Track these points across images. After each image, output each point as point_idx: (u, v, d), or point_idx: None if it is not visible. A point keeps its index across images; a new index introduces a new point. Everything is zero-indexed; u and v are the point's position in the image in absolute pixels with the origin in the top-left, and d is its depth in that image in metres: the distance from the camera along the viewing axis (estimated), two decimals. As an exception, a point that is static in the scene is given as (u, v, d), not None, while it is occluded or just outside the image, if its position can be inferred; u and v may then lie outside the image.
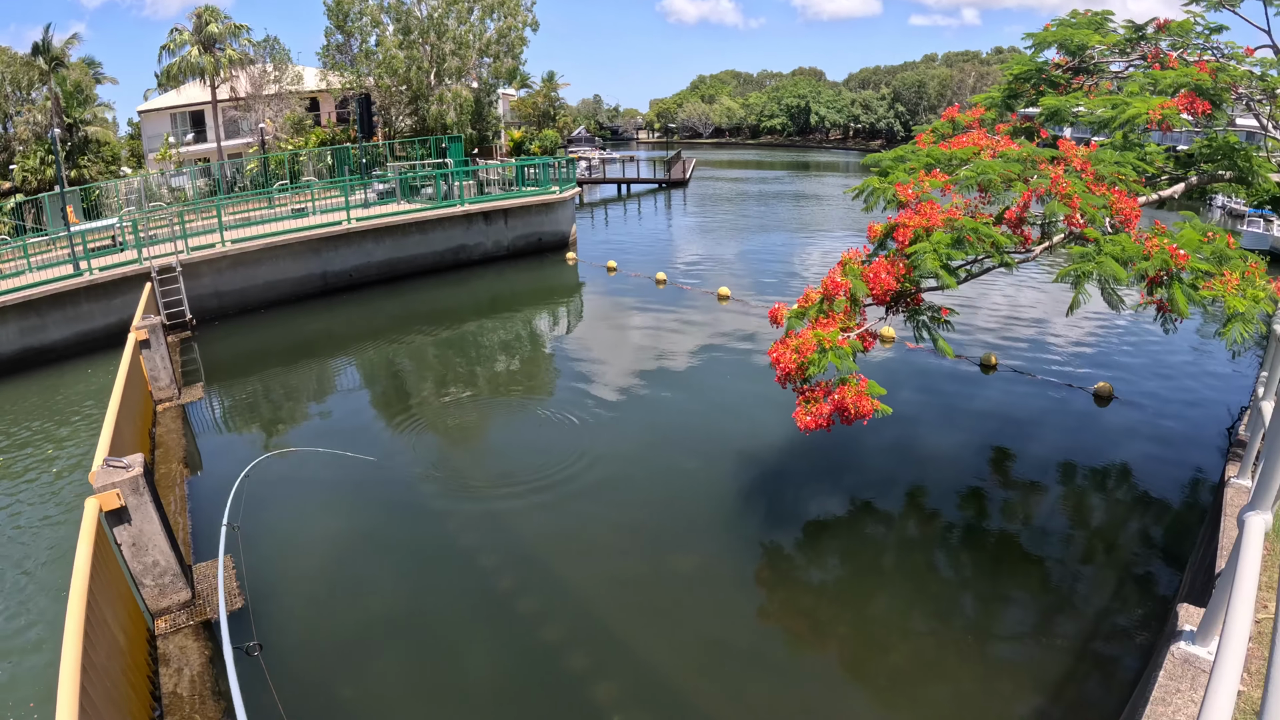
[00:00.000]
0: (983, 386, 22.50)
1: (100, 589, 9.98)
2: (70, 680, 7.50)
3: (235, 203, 42.03)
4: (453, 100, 60.32)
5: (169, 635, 12.19)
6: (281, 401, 24.33)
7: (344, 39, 62.49)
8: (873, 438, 18.24)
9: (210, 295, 32.72)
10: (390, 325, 32.41)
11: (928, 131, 16.16)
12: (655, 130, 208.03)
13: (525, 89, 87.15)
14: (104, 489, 11.64)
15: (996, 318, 29.33)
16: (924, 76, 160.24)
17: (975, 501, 16.36)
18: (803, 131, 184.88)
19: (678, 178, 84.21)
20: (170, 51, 59.25)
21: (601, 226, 60.40)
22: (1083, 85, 15.97)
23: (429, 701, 11.32)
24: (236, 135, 66.36)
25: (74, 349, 28.56)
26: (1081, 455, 18.07)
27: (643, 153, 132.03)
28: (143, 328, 21.31)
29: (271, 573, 14.34)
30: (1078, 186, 11.46)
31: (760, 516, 15.86)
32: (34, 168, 59.73)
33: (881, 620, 12.83)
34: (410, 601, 13.44)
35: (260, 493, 17.67)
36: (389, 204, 42.22)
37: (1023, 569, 13.96)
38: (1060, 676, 11.09)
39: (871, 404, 11.35)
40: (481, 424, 21.64)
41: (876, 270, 11.75)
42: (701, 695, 11.17)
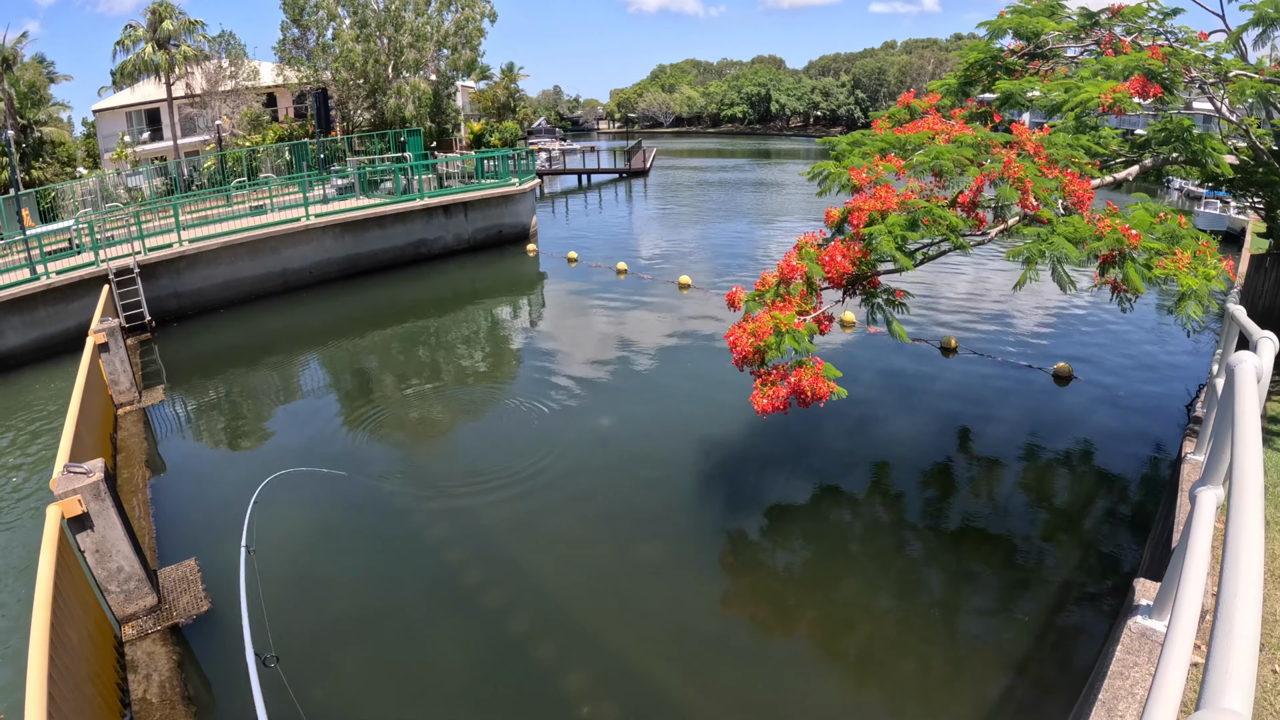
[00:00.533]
0: (943, 369, 22.73)
1: (65, 597, 9.90)
2: (37, 691, 7.46)
3: (193, 201, 41.56)
4: (411, 93, 59.95)
5: (136, 641, 12.11)
6: (244, 401, 24.12)
7: (300, 33, 61.92)
8: (835, 420, 18.41)
9: (169, 296, 32.36)
10: (352, 322, 32.26)
11: (884, 117, 16.29)
12: (616, 120, 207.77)
13: (485, 81, 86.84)
14: (65, 495, 11.52)
15: (957, 301, 29.67)
16: (884, 63, 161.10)
17: (938, 482, 16.58)
18: (763, 119, 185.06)
19: (638, 167, 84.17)
20: (125, 48, 58.55)
21: (562, 217, 60.23)
22: (1039, 70, 16.14)
23: (398, 698, 11.32)
24: (193, 133, 65.66)
25: (33, 355, 28.13)
26: (1042, 435, 18.32)
27: (603, 143, 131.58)
28: (101, 331, 21.07)
29: (237, 574, 14.24)
30: (1030, 170, 11.60)
31: (724, 502, 15.97)
32: (-13, 171, 58.84)
33: (848, 602, 12.97)
34: (377, 599, 13.44)
35: (224, 496, 17.63)
36: (348, 199, 41.91)
37: (987, 547, 14.17)
38: (1027, 652, 11.28)
39: (828, 386, 11.46)
40: (444, 418, 21.59)
41: (832, 254, 11.83)
42: (669, 682, 11.25)
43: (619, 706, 10.79)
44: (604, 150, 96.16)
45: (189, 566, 13.98)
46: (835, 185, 13.19)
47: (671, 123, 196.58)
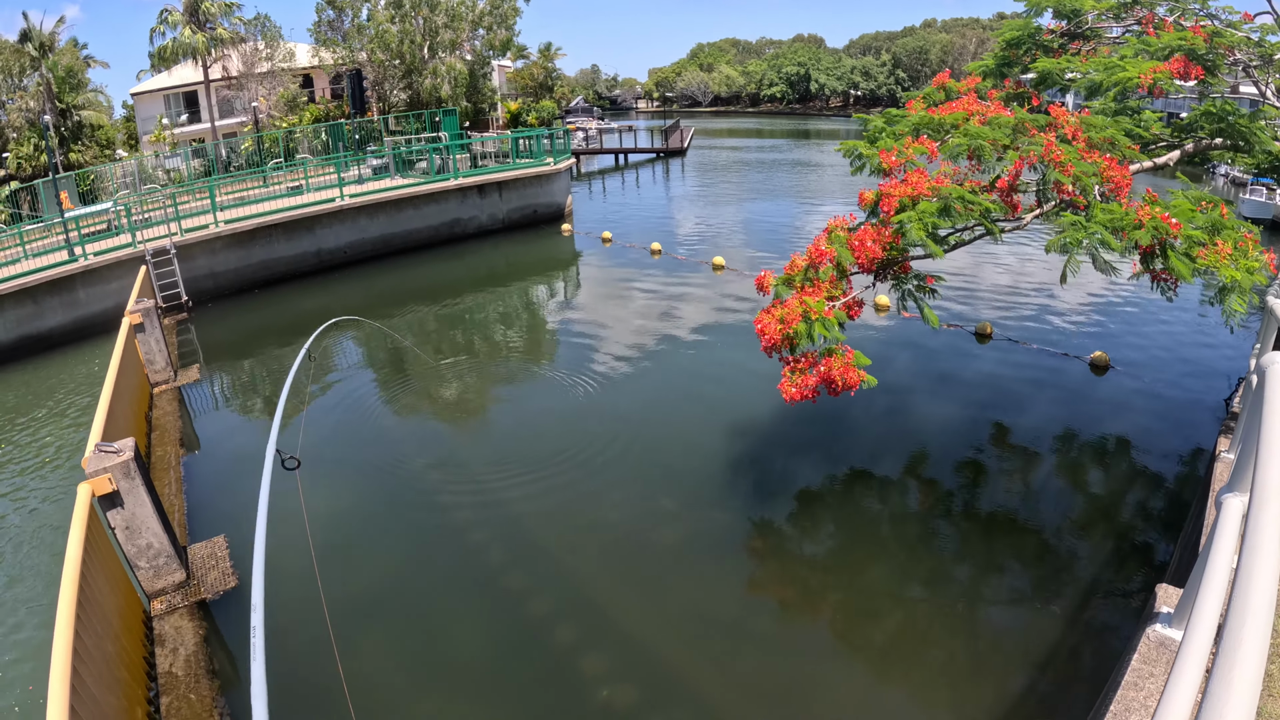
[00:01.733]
0: (978, 355, 22.44)
1: (93, 572, 10.08)
2: (61, 661, 7.63)
3: (230, 182, 41.87)
4: (446, 73, 60.00)
5: (164, 616, 12.32)
6: (277, 380, 24.26)
7: (335, 14, 62.14)
8: (867, 405, 18.23)
9: (205, 276, 32.68)
10: (386, 301, 32.35)
11: (918, 98, 15.98)
12: (654, 100, 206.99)
13: (521, 60, 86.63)
14: (95, 474, 11.70)
15: (996, 286, 29.22)
16: (925, 42, 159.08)
17: (969, 470, 16.36)
18: (803, 99, 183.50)
19: (675, 147, 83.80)
20: (161, 33, 58.93)
21: (599, 197, 60.12)
22: (1079, 50, 15.79)
23: (419, 676, 11.38)
24: (230, 114, 66.05)
25: (71, 335, 28.54)
26: (1076, 425, 18.03)
27: (641, 122, 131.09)
28: (136, 311, 21.28)
29: (265, 550, 14.36)
30: (1071, 154, 11.33)
31: (752, 487, 15.88)
32: (28, 154, 59.52)
33: (873, 590, 12.85)
34: (401, 579, 13.51)
35: (256, 474, 17.72)
36: (383, 179, 42.01)
37: (1017, 539, 13.97)
38: (1053, 648, 11.12)
39: (858, 375, 11.27)
40: (473, 399, 21.68)
41: (862, 238, 11.61)
42: (689, 667, 11.23)
43: (638, 690, 10.79)
44: (641, 130, 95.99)
45: (218, 543, 14.13)
46: (868, 168, 13.01)
47: (710, 102, 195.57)
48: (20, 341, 27.55)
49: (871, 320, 24.90)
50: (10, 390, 24.96)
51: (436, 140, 46.25)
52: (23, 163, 59.38)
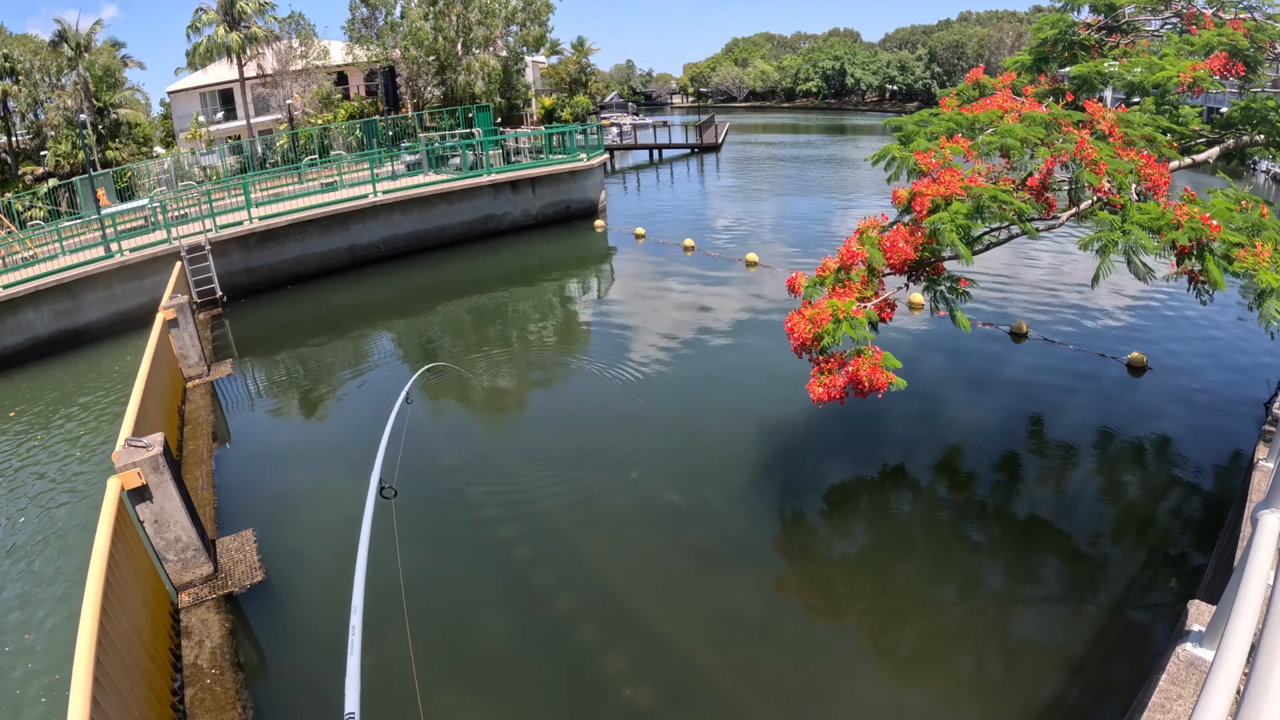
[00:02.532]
0: (1013, 355, 22.11)
1: (121, 564, 10.19)
2: (86, 651, 7.72)
3: (265, 179, 42.18)
4: (480, 70, 60.09)
5: (191, 608, 12.44)
6: (310, 375, 24.50)
7: (369, 12, 62.39)
8: (899, 405, 18.01)
9: (240, 272, 33.00)
10: (420, 296, 32.51)
11: (951, 95, 15.73)
12: (689, 95, 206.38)
13: (555, 56, 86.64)
14: (125, 468, 11.83)
15: (1031, 285, 28.71)
16: (961, 36, 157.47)
17: (1002, 473, 16.13)
18: (838, 94, 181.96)
19: (710, 142, 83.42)
20: (196, 31, 59.42)
21: (633, 193, 60.00)
22: (1117, 44, 15.52)
23: (443, 670, 11.40)
24: (266, 112, 66.52)
25: (107, 329, 28.91)
26: (1112, 428, 17.63)
27: (676, 118, 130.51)
28: (170, 307, 21.48)
29: (292, 545, 14.51)
30: (1105, 151, 11.08)
31: (781, 485, 15.77)
32: (66, 152, 60.21)
33: (901, 593, 12.70)
34: (428, 573, 13.51)
35: (286, 469, 17.93)
36: (417, 176, 42.18)
37: (1048, 544, 13.72)
38: (1082, 659, 10.91)
39: (886, 377, 11.11)
40: (504, 396, 21.76)
41: (894, 239, 11.45)
42: (712, 668, 11.18)
43: (660, 690, 10.76)
44: (676, 125, 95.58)
45: (246, 537, 14.22)
46: (902, 171, 12.79)
47: (745, 97, 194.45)
48: (58, 335, 28.00)
49: (906, 319, 24.61)
50: (47, 383, 25.32)
51: (470, 136, 46.34)
52: (61, 160, 60.11)
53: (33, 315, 27.61)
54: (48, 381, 25.57)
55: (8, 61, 61.42)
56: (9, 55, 62.01)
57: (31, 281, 27.46)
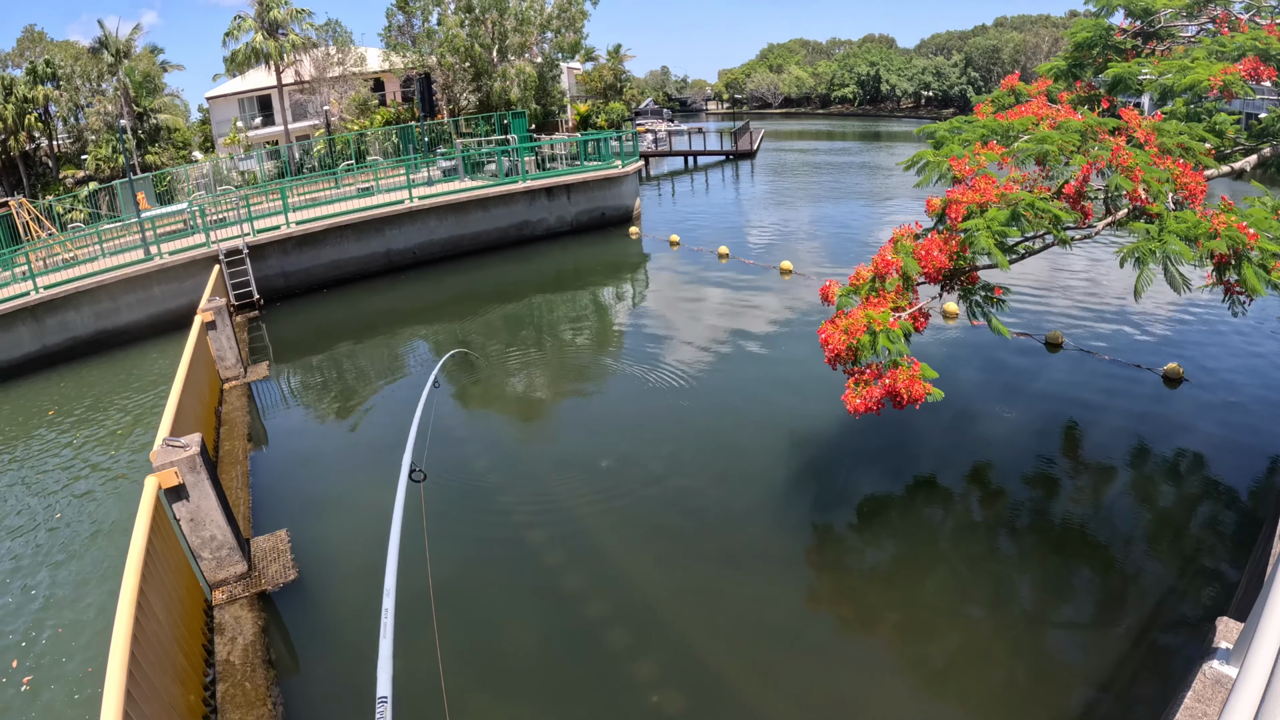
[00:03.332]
0: (1047, 365, 21.74)
1: (156, 561, 10.31)
2: (120, 645, 7.83)
3: (302, 184, 42.60)
4: (515, 76, 60.45)
5: (225, 606, 12.57)
6: (345, 378, 24.68)
7: (405, 19, 62.94)
8: (932, 415, 17.79)
9: (277, 275, 33.39)
10: (454, 302, 32.66)
11: (987, 102, 15.59)
12: (724, 101, 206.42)
13: (590, 62, 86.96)
14: (162, 467, 11.97)
15: (1069, 294, 28.30)
16: (997, 41, 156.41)
17: (1035, 485, 15.89)
18: (874, 100, 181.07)
19: (745, 149, 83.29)
20: (234, 38, 60.17)
21: (668, 199, 59.94)
22: (1153, 50, 15.35)
23: (473, 673, 11.43)
24: (303, 118, 67.22)
25: (146, 330, 29.33)
26: (1147, 440, 17.30)
27: (711, 124, 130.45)
28: (208, 310, 21.75)
29: (325, 545, 14.61)
30: (1140, 158, 10.95)
31: (812, 495, 15.67)
32: (106, 156, 61.25)
33: (932, 605, 12.54)
34: (458, 575, 13.56)
35: (320, 470, 18.07)
36: (452, 181, 42.40)
37: (1081, 557, 13.48)
38: (1112, 671, 10.73)
39: (924, 388, 10.99)
40: (538, 401, 21.80)
41: (929, 248, 11.33)
42: (739, 677, 11.11)
43: (686, 697, 10.71)
44: (711, 132, 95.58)
45: (280, 537, 14.34)
46: (935, 175, 12.69)
47: (780, 104, 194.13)
48: (97, 335, 28.49)
49: (940, 328, 24.41)
50: (86, 382, 25.69)
51: (505, 143, 46.52)
52: (101, 164, 61.19)
53: (73, 315, 28.09)
54: (87, 381, 25.96)
55: (49, 67, 62.66)
56: (50, 61, 63.32)
57: (72, 283, 27.96)
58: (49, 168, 64.86)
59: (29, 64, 64.18)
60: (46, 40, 72.92)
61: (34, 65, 62.84)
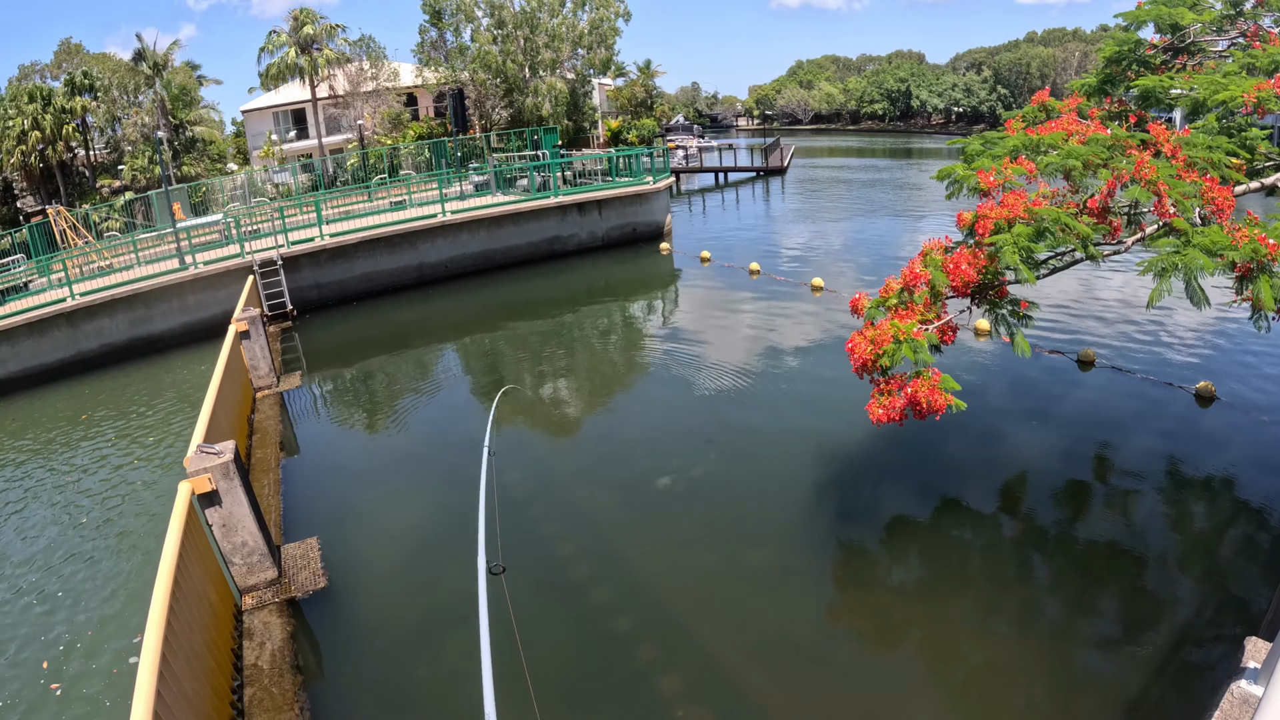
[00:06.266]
0: (1078, 383, 21.54)
1: (189, 565, 10.45)
2: (152, 647, 7.96)
3: (335, 197, 42.97)
4: (547, 92, 60.78)
5: (255, 611, 12.69)
6: (377, 389, 24.90)
7: (438, 35, 63.43)
8: (961, 432, 17.76)
9: (311, 287, 33.75)
10: (486, 315, 32.83)
11: (1017, 117, 15.57)
12: (754, 117, 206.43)
13: (621, 78, 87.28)
14: (196, 473, 12.14)
15: (1102, 311, 28.01)
16: (1026, 57, 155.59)
17: (1063, 503, 15.73)
18: (904, 116, 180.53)
19: (775, 166, 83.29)
20: (269, 53, 60.83)
21: (699, 216, 59.98)
22: (1184, 65, 15.28)
23: (498, 682, 11.45)
24: (337, 131, 67.84)
25: (180, 339, 29.73)
26: (1178, 460, 17.08)
27: (742, 140, 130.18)
28: (243, 319, 22.00)
29: (355, 554, 14.72)
30: (1165, 172, 10.91)
31: (839, 511, 15.59)
32: (142, 166, 62.08)
33: (957, 623, 12.45)
34: (489, 586, 13.60)
35: (351, 479, 18.22)
36: (485, 196, 42.65)
37: (1109, 575, 13.33)
38: (1139, 691, 10.61)
39: (945, 398, 10.97)
40: (566, 413, 21.88)
41: (957, 261, 11.34)
42: (764, 693, 11.08)
43: (712, 712, 10.70)
44: (742, 148, 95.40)
45: (310, 544, 14.46)
46: (964, 189, 12.72)
47: (810, 120, 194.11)
48: (132, 342, 28.95)
49: (971, 345, 24.24)
50: (121, 388, 26.04)
51: (537, 158, 46.72)
52: (137, 174, 62.02)
53: (108, 323, 28.57)
54: (121, 387, 26.30)
55: (87, 79, 63.56)
56: (88, 73, 64.23)
57: (108, 290, 28.43)
58: (86, 177, 65.78)
59: (67, 75, 65.25)
60: (84, 53, 74.13)
61: (72, 77, 63.84)
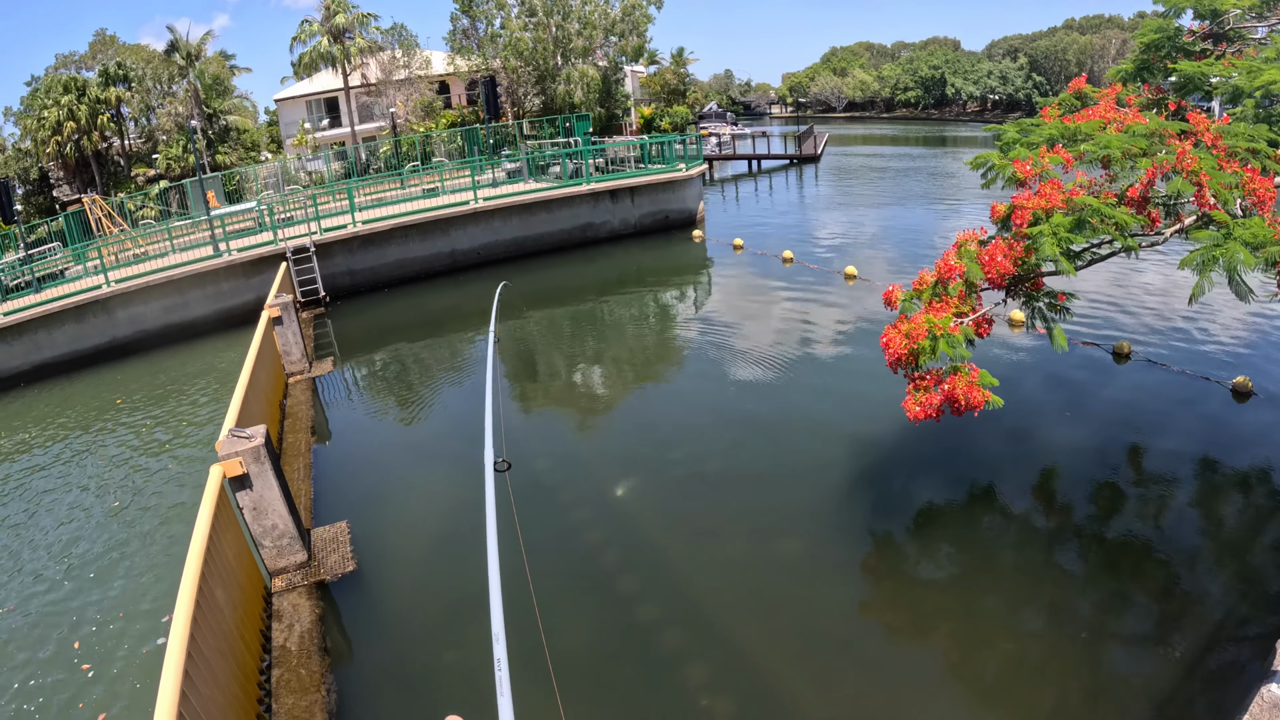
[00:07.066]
0: (1114, 376, 20.96)
1: (219, 547, 10.48)
2: (181, 627, 7.97)
3: (368, 185, 43.09)
4: (579, 79, 60.62)
5: (284, 593, 12.71)
6: (408, 375, 24.87)
7: (470, 23, 63.43)
8: (994, 424, 17.31)
9: (343, 273, 33.86)
10: (518, 302, 32.73)
11: (1054, 105, 15.24)
12: (788, 105, 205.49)
13: (654, 66, 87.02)
14: (228, 457, 12.16)
15: (1138, 303, 27.37)
16: (1062, 44, 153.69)
17: (1096, 497, 15.37)
18: (939, 104, 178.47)
19: (809, 153, 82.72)
20: (301, 42, 61.10)
21: (732, 203, 59.58)
22: (1223, 52, 14.89)
23: (524, 668, 11.36)
24: (369, 119, 68.12)
25: (213, 325, 29.88)
26: (1214, 455, 16.57)
27: (775, 128, 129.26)
28: (275, 305, 22.05)
29: (384, 538, 14.68)
30: (1207, 163, 10.58)
31: (870, 503, 15.34)
32: (177, 155, 62.70)
33: (988, 618, 12.19)
34: (515, 572, 13.54)
35: (381, 464, 18.18)
36: (517, 183, 42.61)
37: (1141, 574, 12.96)
38: (1169, 692, 10.29)
39: (983, 395, 10.69)
40: (598, 400, 21.75)
41: (993, 253, 11.05)
42: (790, 684, 10.91)
43: (736, 702, 10.55)
44: (775, 135, 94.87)
45: (340, 528, 14.44)
46: (1000, 178, 12.44)
47: (844, 107, 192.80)
48: (166, 329, 29.16)
49: (1006, 336, 23.81)
50: (154, 374, 26.19)
51: (569, 145, 46.59)
52: (172, 163, 62.68)
53: (142, 309, 28.82)
54: (155, 372, 26.47)
55: (121, 69, 64.22)
56: (123, 64, 64.92)
57: (142, 277, 28.61)
58: (121, 166, 66.51)
59: (101, 66, 65.98)
60: (118, 44, 74.79)
61: (106, 67, 64.57)
